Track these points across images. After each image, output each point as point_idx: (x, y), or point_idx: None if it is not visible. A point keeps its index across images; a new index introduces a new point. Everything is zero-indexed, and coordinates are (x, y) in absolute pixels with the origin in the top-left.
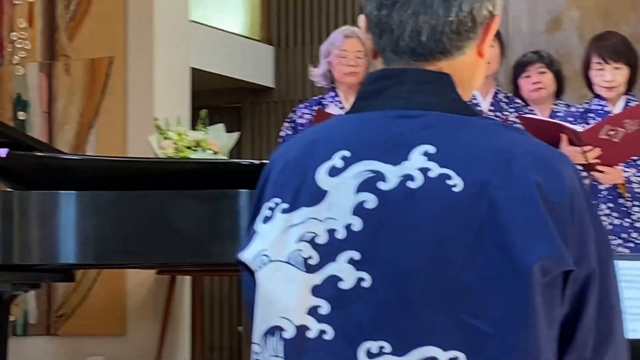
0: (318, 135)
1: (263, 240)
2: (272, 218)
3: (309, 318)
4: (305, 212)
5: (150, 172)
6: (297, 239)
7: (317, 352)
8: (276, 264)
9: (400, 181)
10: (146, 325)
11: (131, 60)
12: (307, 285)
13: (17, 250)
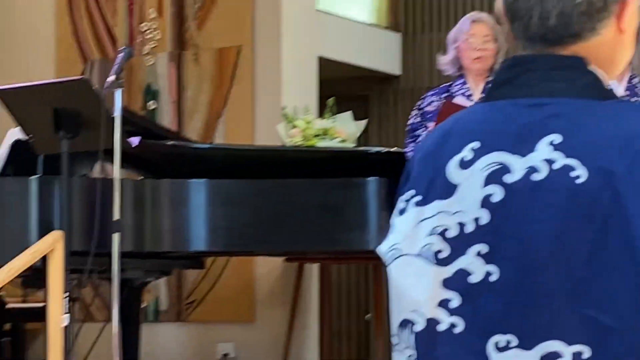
0: (451, 126)
1: (396, 233)
2: (406, 210)
3: (440, 311)
4: (437, 205)
5: (278, 160)
6: (429, 233)
7: (448, 345)
8: (407, 258)
9: (525, 173)
10: (275, 312)
11: (259, 50)
12: (438, 279)
13: (148, 238)
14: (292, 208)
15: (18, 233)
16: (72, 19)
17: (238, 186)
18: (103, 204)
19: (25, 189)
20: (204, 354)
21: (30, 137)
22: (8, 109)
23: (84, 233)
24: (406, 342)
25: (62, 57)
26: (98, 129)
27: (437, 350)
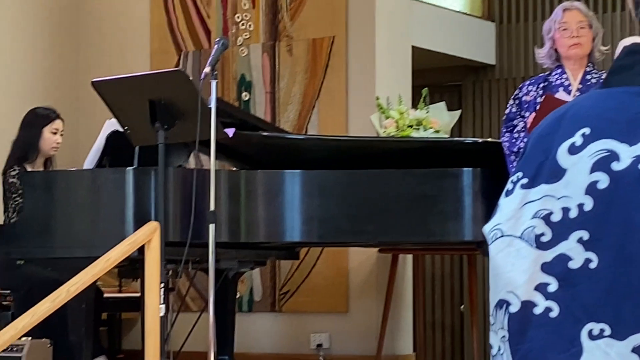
0: (566, 111)
1: (501, 213)
2: (512, 192)
3: (537, 294)
4: (544, 188)
5: (372, 151)
6: (532, 215)
7: (541, 329)
8: (508, 239)
9: (632, 162)
10: (369, 303)
11: (352, 40)
12: (538, 262)
13: (243, 229)
14: (386, 199)
15: (115, 223)
16: (167, 10)
17: (332, 177)
18: (198, 195)
19: (122, 180)
20: (298, 344)
21: (126, 128)
22: (104, 101)
23: (180, 223)
24: (501, 322)
25: (157, 48)
26: (193, 120)
27: (529, 332)
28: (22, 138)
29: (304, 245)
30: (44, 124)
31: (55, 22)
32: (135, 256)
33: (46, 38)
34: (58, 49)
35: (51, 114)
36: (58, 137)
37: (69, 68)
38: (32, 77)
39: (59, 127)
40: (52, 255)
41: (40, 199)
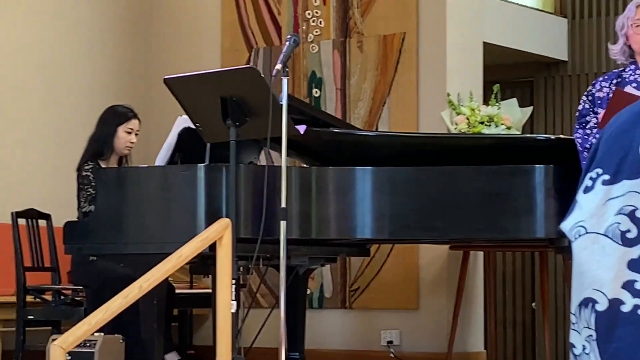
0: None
1: (582, 210)
2: (592, 188)
3: (624, 292)
4: (627, 184)
5: (443, 147)
6: (616, 212)
7: (630, 326)
8: (592, 236)
9: None
10: (439, 299)
11: (423, 36)
12: (624, 259)
13: (314, 225)
14: (457, 195)
15: (186, 220)
16: (238, 8)
17: (403, 173)
18: (269, 192)
19: (194, 177)
20: (368, 340)
21: (198, 125)
22: (176, 98)
23: (251, 220)
24: (586, 321)
25: (228, 46)
26: (264, 117)
27: (618, 331)
28: (97, 134)
29: (374, 242)
30: (119, 122)
31: (128, 20)
32: (206, 253)
33: (119, 36)
34: (131, 47)
35: (128, 112)
36: (132, 136)
37: (141, 65)
38: (105, 74)
39: (134, 127)
40: (123, 251)
41: (113, 196)
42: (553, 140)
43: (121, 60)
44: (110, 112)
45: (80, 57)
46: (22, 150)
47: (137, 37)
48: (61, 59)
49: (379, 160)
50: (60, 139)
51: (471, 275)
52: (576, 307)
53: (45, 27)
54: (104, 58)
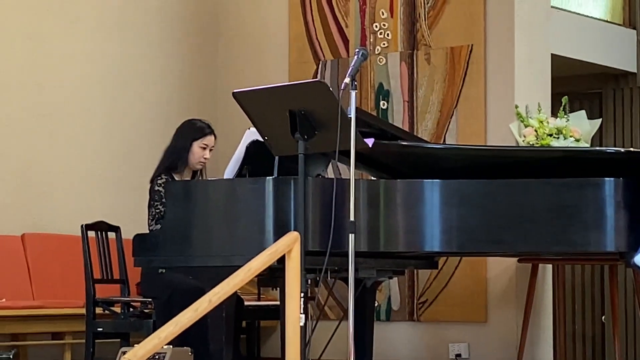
0: None
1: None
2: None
3: None
4: None
5: (512, 160)
6: None
7: None
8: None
9: None
10: (508, 313)
11: (491, 48)
12: None
13: (383, 238)
14: (526, 208)
15: (254, 233)
16: (305, 21)
17: (472, 186)
18: (338, 204)
19: (262, 190)
20: (436, 353)
21: (266, 138)
22: (245, 111)
23: (319, 233)
24: None
25: (295, 58)
26: (333, 130)
27: None
28: (172, 146)
29: (443, 255)
30: (195, 137)
31: (195, 34)
32: (275, 265)
33: (187, 51)
34: (198, 61)
35: (205, 128)
36: (207, 152)
37: (209, 79)
38: (173, 88)
39: (210, 143)
40: (191, 263)
41: (181, 208)
42: (622, 153)
43: (189, 74)
44: (187, 125)
45: (148, 72)
46: (91, 164)
47: (204, 51)
48: (129, 74)
49: (447, 172)
50: (128, 153)
51: (540, 288)
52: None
53: (113, 43)
54: (171, 73)
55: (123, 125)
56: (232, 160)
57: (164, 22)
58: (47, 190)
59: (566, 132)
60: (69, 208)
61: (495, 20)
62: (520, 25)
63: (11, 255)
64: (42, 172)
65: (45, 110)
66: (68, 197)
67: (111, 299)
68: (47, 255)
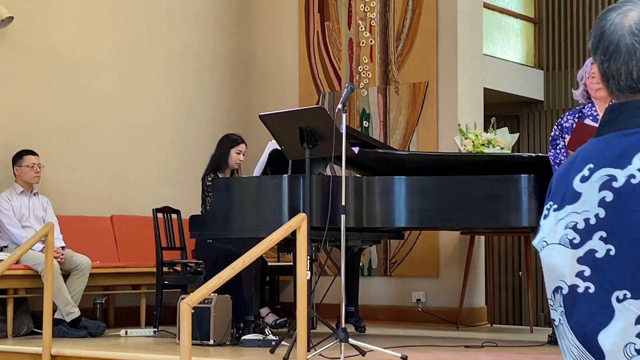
0: (575, 157)
1: (543, 231)
2: (548, 215)
3: (577, 279)
4: (568, 208)
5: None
6: (564, 227)
7: (585, 302)
8: (552, 246)
9: (626, 179)
10: (453, 270)
11: (441, 83)
12: (574, 257)
13: (365, 217)
14: (467, 197)
15: (275, 214)
16: (310, 63)
17: (428, 181)
18: (333, 194)
19: (280, 184)
20: (403, 299)
21: (283, 148)
22: (268, 128)
23: (320, 214)
24: (558, 302)
25: (303, 90)
26: (329, 141)
27: (577, 305)
28: (216, 154)
29: (407, 229)
30: (231, 145)
31: (235, 75)
32: (289, 237)
33: (228, 86)
34: (236, 93)
35: (239, 139)
36: (241, 156)
37: (243, 106)
38: (218, 110)
39: (242, 149)
40: (231, 235)
41: (223, 197)
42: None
43: (229, 102)
44: (225, 138)
45: (201, 99)
46: (160, 165)
47: (240, 86)
48: (187, 101)
49: (410, 171)
50: (185, 157)
51: (476, 253)
52: (551, 293)
53: (178, 81)
54: (217, 102)
55: (183, 140)
56: (258, 163)
57: (212, 67)
58: (129, 184)
59: (494, 142)
60: (144, 197)
61: (444, 63)
62: (462, 67)
63: (103, 231)
64: (126, 172)
65: (130, 129)
66: (144, 190)
67: (174, 261)
68: (128, 231)
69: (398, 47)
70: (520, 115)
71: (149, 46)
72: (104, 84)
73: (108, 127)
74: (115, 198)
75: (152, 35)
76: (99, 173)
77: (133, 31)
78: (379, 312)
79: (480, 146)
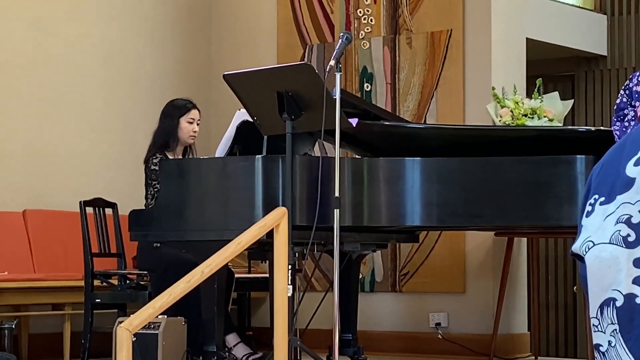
0: (625, 140)
1: (587, 230)
2: (592, 211)
3: (635, 287)
4: (619, 199)
5: (489, 139)
6: (615, 222)
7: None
8: (600, 246)
9: None
10: (485, 283)
11: (469, 32)
12: (630, 259)
13: (366, 213)
14: (502, 185)
15: (245, 208)
16: (293, 7)
17: (451, 164)
18: (323, 181)
19: (252, 167)
20: (417, 323)
21: (256, 119)
22: (235, 93)
23: (306, 208)
24: (609, 318)
25: (283, 43)
26: (319, 110)
27: (636, 319)
28: (161, 128)
29: (423, 229)
30: (180, 114)
31: (189, 19)
32: (264, 239)
33: (180, 35)
34: (191, 45)
35: (188, 104)
36: (194, 126)
37: (202, 62)
38: (166, 70)
39: (195, 117)
40: (185, 238)
41: (175, 186)
42: (593, 132)
43: (182, 57)
44: (170, 106)
45: (143, 54)
46: (89, 143)
47: (197, 35)
48: (125, 56)
49: (427, 151)
50: (124, 132)
51: (515, 260)
52: (596, 310)
53: (111, 29)
54: (165, 55)
55: (120, 106)
56: (223, 139)
57: (159, 8)
58: (47, 168)
59: (540, 112)
60: (68, 185)
61: (473, 6)
62: (496, 10)
63: (13, 230)
64: (42, 150)
65: (46, 92)
66: (67, 175)
67: (108, 271)
68: (47, 230)
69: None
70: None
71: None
72: (12, 32)
73: (17, 90)
74: (28, 186)
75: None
76: (6, 152)
77: None
78: (385, 341)
79: (522, 117)
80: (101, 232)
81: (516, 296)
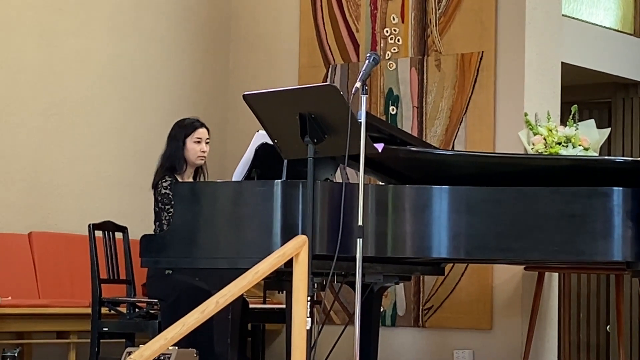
0: None
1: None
2: None
3: None
4: None
5: (520, 168)
6: None
7: None
8: None
9: None
10: (513, 320)
11: (501, 55)
12: None
13: (390, 243)
14: (534, 217)
15: (261, 235)
16: (316, 25)
17: (480, 193)
18: (346, 209)
19: (270, 192)
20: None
21: (276, 141)
22: (255, 113)
23: (327, 237)
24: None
25: (305, 62)
26: (342, 134)
27: None
28: (167, 150)
29: (450, 261)
30: (186, 134)
31: (206, 37)
32: (282, 269)
33: (197, 53)
34: (209, 64)
35: (194, 122)
36: (203, 145)
37: (220, 81)
38: (183, 91)
39: (203, 136)
40: (197, 265)
41: (188, 210)
42: (631, 163)
43: (199, 77)
44: (176, 126)
45: (159, 74)
46: (99, 165)
47: (216, 54)
48: (139, 76)
49: (455, 179)
50: (137, 154)
51: (546, 297)
52: None
53: (125, 45)
54: (183, 75)
55: (133, 126)
56: (240, 162)
57: (176, 24)
58: (55, 189)
59: (575, 140)
60: (76, 207)
61: (507, 28)
62: (531, 33)
63: (18, 254)
64: (50, 171)
65: (55, 111)
66: (76, 197)
67: (117, 299)
68: (53, 254)
69: (441, 2)
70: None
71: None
72: (20, 46)
73: (24, 108)
74: (35, 207)
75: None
76: (13, 171)
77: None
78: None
79: (556, 145)
80: (110, 257)
81: (546, 335)
